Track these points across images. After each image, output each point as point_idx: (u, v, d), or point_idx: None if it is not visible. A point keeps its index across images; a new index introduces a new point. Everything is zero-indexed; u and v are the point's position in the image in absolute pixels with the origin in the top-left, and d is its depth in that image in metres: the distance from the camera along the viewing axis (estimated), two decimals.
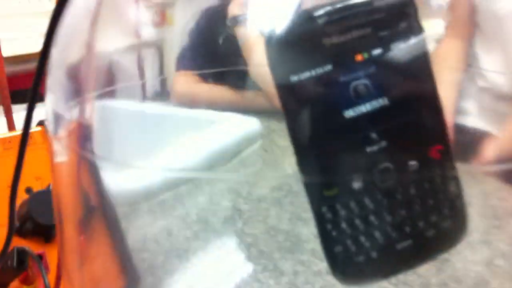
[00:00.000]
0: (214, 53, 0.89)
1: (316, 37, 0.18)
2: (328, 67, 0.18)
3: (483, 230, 0.49)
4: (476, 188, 0.59)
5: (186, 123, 0.74)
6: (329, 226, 0.19)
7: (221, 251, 0.45)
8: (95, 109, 0.39)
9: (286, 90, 0.18)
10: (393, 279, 0.40)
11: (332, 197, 0.19)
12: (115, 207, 0.30)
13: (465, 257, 0.44)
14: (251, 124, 0.68)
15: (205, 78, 0.95)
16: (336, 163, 0.19)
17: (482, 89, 0.91)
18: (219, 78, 0.92)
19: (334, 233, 0.19)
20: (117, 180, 0.53)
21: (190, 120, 0.75)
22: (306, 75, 0.18)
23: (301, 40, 0.18)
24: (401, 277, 0.41)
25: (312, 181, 0.19)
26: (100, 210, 0.29)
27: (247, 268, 0.43)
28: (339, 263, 0.19)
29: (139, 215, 0.50)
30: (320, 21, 0.18)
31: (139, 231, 0.47)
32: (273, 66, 0.18)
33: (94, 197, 0.28)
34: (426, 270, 0.42)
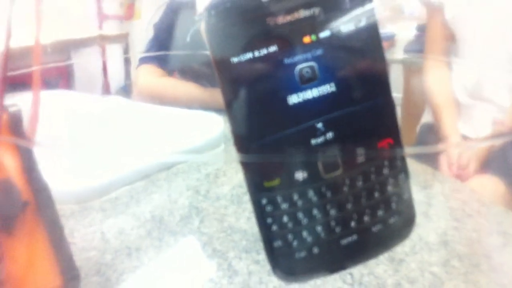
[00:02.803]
0: (182, 48, 0.86)
1: (260, 16, 0.17)
2: (272, 49, 0.17)
3: (441, 231, 0.49)
4: (437, 189, 0.59)
5: (148, 119, 0.72)
6: (269, 220, 0.17)
7: (174, 250, 0.44)
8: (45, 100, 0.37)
9: (226, 72, 0.17)
10: (349, 279, 0.40)
11: (273, 189, 0.17)
12: (53, 203, 0.28)
13: (422, 257, 0.43)
14: (215, 122, 0.66)
15: (170, 72, 0.92)
16: (278, 152, 0.17)
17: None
18: (185, 73, 0.89)
19: (274, 227, 0.17)
20: (69, 175, 0.50)
21: (152, 117, 0.73)
22: (248, 56, 0.17)
23: (244, 19, 0.17)
24: (356, 277, 0.40)
25: (252, 171, 0.17)
26: (34, 206, 0.27)
27: (200, 268, 0.41)
28: (279, 259, 0.18)
29: (88, 213, 0.48)
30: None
31: (86, 230, 0.45)
32: (213, 45, 0.17)
33: (27, 192, 0.26)
34: (383, 271, 0.41)
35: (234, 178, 0.58)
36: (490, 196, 0.78)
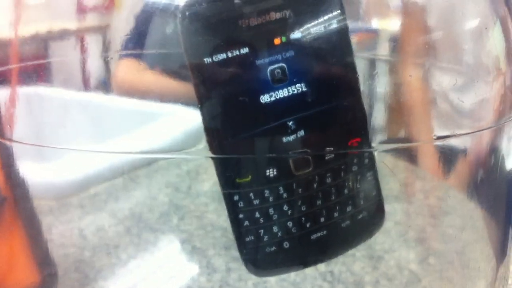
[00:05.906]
0: (163, 41, 0.86)
1: (232, 18, 0.17)
2: (244, 50, 0.17)
3: (419, 228, 0.50)
4: (417, 186, 0.60)
5: (128, 115, 0.72)
6: (241, 215, 0.18)
7: (152, 248, 0.44)
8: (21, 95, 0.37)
9: (200, 72, 0.18)
10: (328, 277, 0.40)
11: (245, 185, 0.18)
12: (31, 198, 0.28)
13: (400, 255, 0.44)
14: (195, 119, 0.67)
15: (151, 66, 0.92)
16: (251, 150, 0.18)
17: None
18: (166, 67, 0.89)
19: (246, 223, 0.18)
20: (47, 171, 0.50)
21: (132, 112, 0.73)
22: (220, 57, 0.17)
23: (217, 21, 0.17)
24: (336, 274, 0.41)
25: (224, 168, 0.18)
26: (12, 202, 0.27)
27: (179, 265, 0.42)
28: (251, 254, 0.18)
29: (66, 210, 0.47)
30: (237, 1, 0.17)
31: (65, 226, 0.45)
32: (186, 46, 0.17)
33: (5, 188, 0.26)
34: (360, 268, 0.42)
35: (216, 175, 0.58)
36: None
